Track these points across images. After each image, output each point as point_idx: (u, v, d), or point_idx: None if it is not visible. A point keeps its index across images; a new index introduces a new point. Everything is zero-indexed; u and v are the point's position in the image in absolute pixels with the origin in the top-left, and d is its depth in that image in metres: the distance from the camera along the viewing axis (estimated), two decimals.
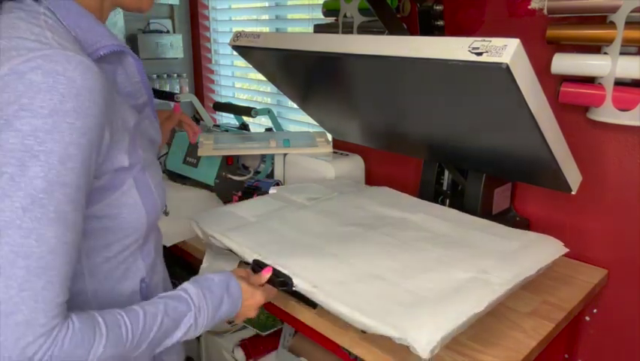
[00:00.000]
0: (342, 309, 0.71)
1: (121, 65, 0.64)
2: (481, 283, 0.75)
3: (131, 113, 0.63)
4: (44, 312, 0.49)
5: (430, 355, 0.63)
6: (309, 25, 1.66)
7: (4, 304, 0.47)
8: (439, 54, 0.70)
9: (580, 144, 1.04)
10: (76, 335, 0.51)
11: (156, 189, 0.68)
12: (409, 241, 0.91)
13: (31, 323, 0.48)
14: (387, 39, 0.76)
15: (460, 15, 1.20)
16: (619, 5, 0.85)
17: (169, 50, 2.15)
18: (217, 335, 1.38)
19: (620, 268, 1.01)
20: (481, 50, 0.65)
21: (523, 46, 0.64)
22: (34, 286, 0.48)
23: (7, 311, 0.47)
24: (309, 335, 0.88)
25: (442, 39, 0.71)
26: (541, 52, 1.06)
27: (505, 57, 0.63)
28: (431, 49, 0.71)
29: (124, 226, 0.64)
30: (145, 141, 0.67)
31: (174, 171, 1.52)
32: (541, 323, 0.80)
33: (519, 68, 0.65)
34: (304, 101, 1.24)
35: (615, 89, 0.89)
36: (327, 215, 1.03)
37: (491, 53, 0.64)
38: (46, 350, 0.49)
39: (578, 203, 1.06)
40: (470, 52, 0.65)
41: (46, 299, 0.49)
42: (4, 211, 0.47)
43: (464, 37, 0.67)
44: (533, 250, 0.86)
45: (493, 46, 0.64)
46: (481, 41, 0.65)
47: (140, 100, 0.68)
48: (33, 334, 0.48)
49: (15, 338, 0.47)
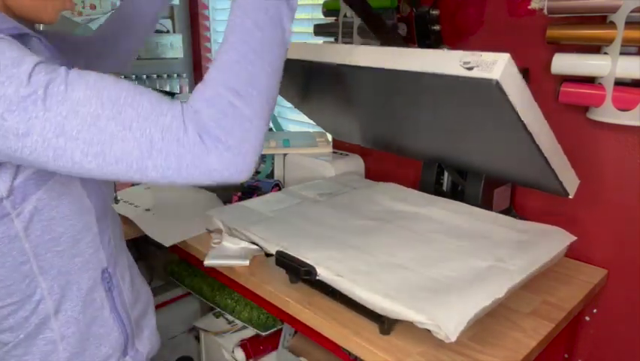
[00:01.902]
0: (367, 296, 0.73)
1: (29, 43, 0.62)
2: (499, 270, 0.79)
3: None
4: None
5: (455, 338, 0.65)
6: (309, 25, 1.66)
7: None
8: (430, 68, 0.70)
9: (580, 144, 1.04)
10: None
11: (96, 184, 0.68)
12: (424, 233, 0.95)
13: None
14: (380, 51, 0.76)
15: (459, 15, 1.20)
16: (619, 5, 0.85)
17: (169, 50, 2.15)
18: (217, 335, 1.38)
19: (620, 268, 1.01)
20: (472, 64, 0.65)
21: (513, 60, 0.64)
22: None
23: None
24: (309, 335, 0.88)
25: (434, 52, 0.71)
26: (541, 52, 1.06)
27: (495, 73, 0.63)
28: (423, 62, 0.71)
29: (69, 214, 0.64)
30: None
31: None
32: (541, 323, 0.80)
33: (510, 83, 0.65)
34: (300, 105, 1.25)
35: (615, 89, 0.89)
36: (342, 209, 1.07)
37: (482, 67, 0.64)
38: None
39: (577, 203, 1.06)
40: (462, 66, 0.66)
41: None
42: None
43: (456, 51, 0.67)
44: (544, 240, 0.90)
45: (484, 61, 0.64)
46: (472, 55, 0.65)
47: None
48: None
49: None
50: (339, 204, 1.10)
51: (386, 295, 0.72)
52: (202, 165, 0.52)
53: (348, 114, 1.13)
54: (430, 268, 0.81)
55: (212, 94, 0.54)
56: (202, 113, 0.53)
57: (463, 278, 0.77)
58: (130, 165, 0.52)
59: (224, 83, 0.54)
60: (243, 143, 0.54)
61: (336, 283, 0.78)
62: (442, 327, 0.65)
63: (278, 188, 1.34)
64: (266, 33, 0.57)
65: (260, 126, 0.56)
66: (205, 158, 0.52)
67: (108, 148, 0.51)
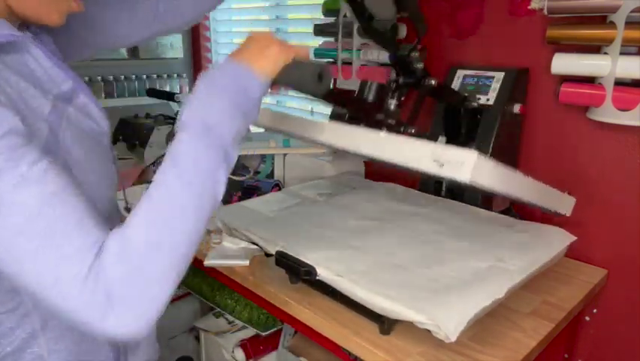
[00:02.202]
0: (367, 296, 0.73)
1: (28, 53, 0.60)
2: (499, 270, 0.79)
3: (45, 101, 0.58)
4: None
5: (455, 338, 0.65)
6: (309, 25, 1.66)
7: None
8: (403, 160, 0.68)
9: (580, 144, 1.04)
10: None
11: (94, 188, 0.62)
12: (424, 233, 0.95)
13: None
14: (352, 133, 0.74)
15: (459, 15, 1.20)
16: (619, 5, 0.85)
17: (169, 50, 2.14)
18: (217, 335, 1.38)
19: (620, 268, 1.01)
20: (442, 161, 0.63)
21: (481, 155, 0.62)
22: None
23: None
24: (309, 335, 0.87)
25: (406, 143, 0.68)
26: (541, 52, 1.06)
27: (464, 174, 0.61)
28: (396, 153, 0.69)
29: None
30: (78, 133, 0.61)
31: None
32: (541, 323, 0.80)
33: (483, 175, 0.64)
34: None
35: (615, 89, 0.89)
36: (341, 209, 1.07)
37: (452, 166, 0.63)
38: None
39: (577, 203, 1.06)
40: (433, 162, 0.64)
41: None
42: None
43: (428, 143, 0.65)
44: (543, 240, 0.91)
45: (452, 160, 0.63)
46: (442, 151, 0.63)
47: (63, 87, 0.62)
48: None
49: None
50: (339, 204, 1.10)
51: (386, 296, 0.72)
52: (98, 321, 0.49)
53: None
54: (430, 268, 0.81)
55: (124, 249, 0.50)
56: (110, 270, 0.49)
57: (463, 278, 0.78)
58: (33, 290, 0.50)
59: (140, 238, 0.51)
60: (145, 306, 0.51)
61: (336, 283, 0.78)
62: (442, 327, 0.66)
63: (278, 188, 1.34)
64: (193, 188, 0.53)
65: (167, 289, 0.52)
66: (103, 315, 0.49)
67: (18, 266, 0.49)
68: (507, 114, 1.06)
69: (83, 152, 0.61)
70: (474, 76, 1.12)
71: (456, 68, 1.16)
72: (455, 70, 1.15)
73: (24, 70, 0.59)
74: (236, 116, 0.56)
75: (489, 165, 0.64)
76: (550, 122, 1.09)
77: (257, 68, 0.58)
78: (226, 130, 0.55)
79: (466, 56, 1.21)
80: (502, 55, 1.14)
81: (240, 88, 0.57)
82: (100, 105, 0.68)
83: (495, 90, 1.07)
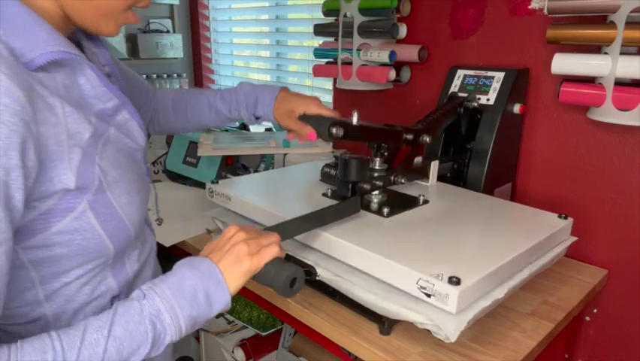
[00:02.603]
0: (367, 296, 0.73)
1: (81, 71, 0.58)
2: None
3: (87, 125, 0.56)
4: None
5: (455, 339, 0.65)
6: (309, 25, 1.66)
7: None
8: (392, 280, 0.70)
9: (580, 144, 1.04)
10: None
11: (126, 208, 0.60)
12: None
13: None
14: (342, 244, 0.75)
15: (460, 15, 1.20)
16: (619, 5, 0.85)
17: (169, 50, 2.15)
18: (217, 335, 1.38)
19: (620, 268, 1.01)
20: (428, 291, 0.65)
21: (469, 285, 0.64)
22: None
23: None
24: (309, 335, 0.87)
25: (396, 267, 0.69)
26: (541, 52, 1.06)
27: (450, 307, 0.63)
28: (386, 274, 0.71)
29: (82, 252, 0.57)
30: (114, 153, 0.60)
31: (174, 171, 1.52)
32: (541, 323, 0.80)
33: (470, 297, 0.66)
34: None
35: (615, 89, 0.89)
36: None
37: (438, 297, 0.64)
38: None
39: (577, 203, 1.06)
40: (419, 289, 0.66)
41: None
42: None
43: (414, 272, 0.66)
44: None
45: (438, 291, 0.64)
46: (427, 281, 0.65)
47: (108, 104, 0.61)
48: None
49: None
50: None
51: (383, 296, 0.71)
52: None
53: None
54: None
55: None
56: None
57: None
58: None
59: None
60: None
61: (336, 284, 0.78)
62: (442, 327, 0.66)
63: None
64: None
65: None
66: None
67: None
68: (507, 114, 1.06)
69: (117, 172, 0.59)
70: (474, 76, 1.12)
71: (456, 68, 1.16)
72: (455, 70, 1.15)
73: (72, 88, 0.57)
74: (190, 323, 0.56)
75: (473, 289, 0.65)
76: (550, 122, 1.09)
77: (229, 280, 0.59)
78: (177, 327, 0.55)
79: (466, 56, 1.21)
80: (502, 55, 1.14)
81: (207, 299, 0.57)
82: (140, 120, 0.67)
83: (495, 90, 1.07)
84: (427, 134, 0.96)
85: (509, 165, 1.14)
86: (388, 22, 1.26)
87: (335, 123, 0.79)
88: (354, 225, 0.82)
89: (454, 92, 1.13)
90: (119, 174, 0.59)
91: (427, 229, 0.82)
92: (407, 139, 0.94)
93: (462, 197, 0.99)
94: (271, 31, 1.99)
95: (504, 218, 0.89)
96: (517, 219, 0.89)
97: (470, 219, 0.88)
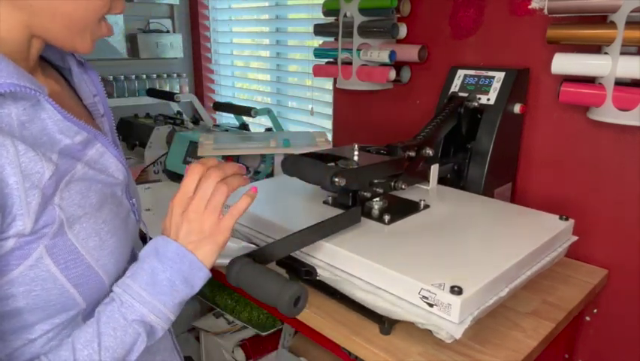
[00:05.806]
0: (367, 297, 0.72)
1: (38, 103, 0.52)
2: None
3: (47, 164, 0.49)
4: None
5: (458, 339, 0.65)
6: (309, 25, 1.66)
7: None
8: (394, 290, 0.70)
9: (580, 143, 1.04)
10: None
11: (94, 253, 0.54)
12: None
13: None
14: (351, 258, 0.75)
15: (460, 15, 1.20)
16: (619, 5, 0.85)
17: (169, 50, 2.15)
18: (217, 336, 1.38)
19: (620, 268, 1.01)
20: (430, 301, 0.65)
21: (470, 293, 0.64)
22: None
23: None
24: (309, 335, 0.87)
25: (399, 277, 0.69)
26: (541, 52, 1.06)
27: (453, 316, 0.63)
28: (388, 283, 0.70)
29: (42, 306, 0.51)
30: (82, 191, 0.54)
31: (174, 171, 1.52)
32: (541, 323, 0.80)
33: (473, 305, 0.66)
34: None
35: (615, 89, 0.89)
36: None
37: (440, 307, 0.64)
38: None
39: (577, 203, 1.06)
40: (421, 299, 0.66)
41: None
42: None
43: (416, 282, 0.66)
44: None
45: (440, 301, 0.64)
46: (429, 291, 0.65)
47: (76, 138, 0.54)
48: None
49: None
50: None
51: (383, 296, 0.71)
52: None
53: None
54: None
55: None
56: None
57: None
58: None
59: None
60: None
61: (336, 283, 0.78)
62: (444, 326, 0.65)
63: None
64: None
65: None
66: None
67: None
68: (507, 114, 1.06)
69: (82, 212, 0.53)
70: (474, 76, 1.12)
71: (456, 68, 1.16)
72: (455, 70, 1.15)
73: (32, 123, 0.51)
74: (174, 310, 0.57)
75: (475, 297, 0.65)
76: (550, 122, 1.09)
77: (201, 256, 0.58)
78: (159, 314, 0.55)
79: (466, 56, 1.21)
80: (502, 55, 1.14)
81: (186, 283, 0.57)
82: (119, 152, 0.62)
83: (495, 90, 1.07)
84: (428, 146, 0.95)
85: (509, 165, 1.14)
86: (388, 22, 1.26)
87: (337, 173, 0.75)
88: (356, 233, 0.82)
89: (454, 92, 1.13)
90: (85, 214, 0.53)
91: (429, 236, 0.82)
92: (410, 156, 0.93)
93: (463, 200, 0.99)
94: (271, 31, 1.99)
95: (505, 221, 0.89)
96: (518, 223, 0.89)
97: (471, 223, 0.88)
